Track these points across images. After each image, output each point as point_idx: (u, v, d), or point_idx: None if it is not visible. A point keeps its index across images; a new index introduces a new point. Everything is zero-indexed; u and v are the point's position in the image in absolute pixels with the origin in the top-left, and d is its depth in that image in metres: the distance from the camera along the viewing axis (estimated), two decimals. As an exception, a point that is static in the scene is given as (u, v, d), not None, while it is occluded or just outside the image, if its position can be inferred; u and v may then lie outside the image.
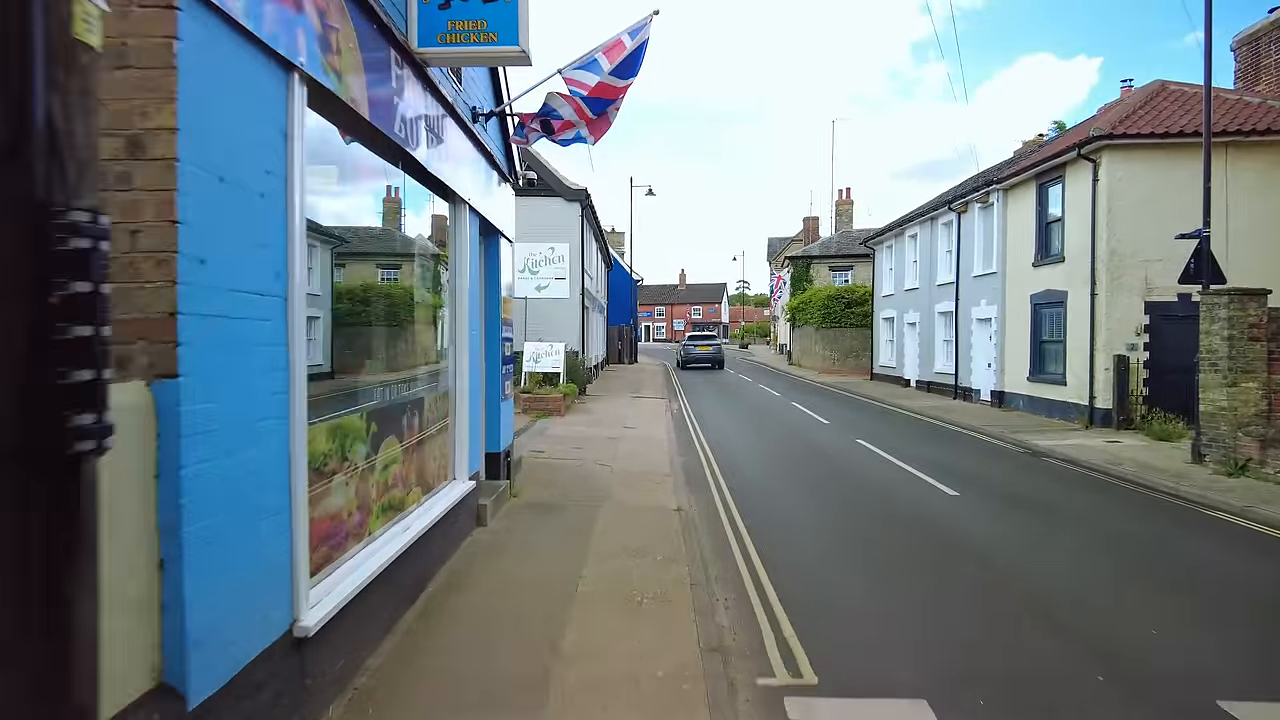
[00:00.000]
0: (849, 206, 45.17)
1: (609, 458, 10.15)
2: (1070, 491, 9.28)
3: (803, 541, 6.62)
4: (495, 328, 7.18)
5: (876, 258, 28.83)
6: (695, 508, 7.51)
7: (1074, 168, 15.19)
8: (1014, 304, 17.73)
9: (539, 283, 19.34)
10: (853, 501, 8.32)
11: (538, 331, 18.99)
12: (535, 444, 11.21)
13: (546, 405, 14.50)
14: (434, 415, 5.15)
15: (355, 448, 3.70)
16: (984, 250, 19.45)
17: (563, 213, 19.28)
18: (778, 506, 7.92)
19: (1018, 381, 17.49)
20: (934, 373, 22.55)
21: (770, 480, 9.47)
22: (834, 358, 32.94)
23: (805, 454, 11.57)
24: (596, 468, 9.40)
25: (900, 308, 25.65)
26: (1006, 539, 6.90)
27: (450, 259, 5.65)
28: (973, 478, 9.72)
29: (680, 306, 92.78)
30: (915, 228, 24.27)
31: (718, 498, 8.10)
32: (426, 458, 5.00)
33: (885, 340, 27.72)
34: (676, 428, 14.17)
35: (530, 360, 16.38)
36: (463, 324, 5.69)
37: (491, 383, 7.19)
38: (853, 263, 38.62)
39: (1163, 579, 5.82)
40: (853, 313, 32.47)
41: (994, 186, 18.33)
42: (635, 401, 18.45)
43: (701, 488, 8.68)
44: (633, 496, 7.68)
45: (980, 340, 19.58)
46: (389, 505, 4.26)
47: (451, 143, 5.41)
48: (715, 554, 6.05)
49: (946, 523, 7.43)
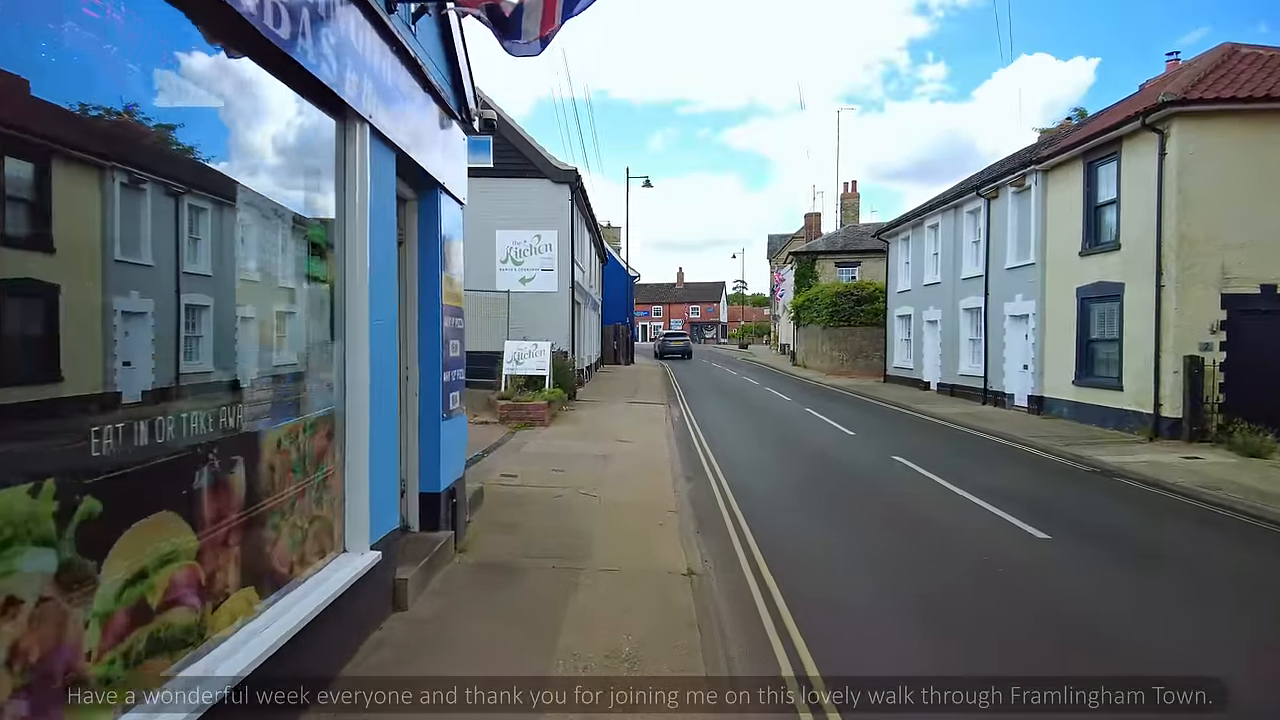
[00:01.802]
0: (855, 200, 43.30)
1: (596, 484, 8.14)
2: (1182, 529, 7.33)
3: (870, 626, 4.63)
4: (433, 319, 5.17)
5: (891, 251, 26.86)
6: (712, 568, 5.49)
7: (1134, 142, 13.22)
8: (1056, 298, 15.76)
9: (523, 274, 17.30)
10: (919, 551, 6.32)
11: (521, 329, 16.96)
12: (507, 464, 9.19)
13: (527, 414, 12.48)
14: (292, 457, 3.13)
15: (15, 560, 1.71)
16: (1019, 239, 17.48)
17: (550, 196, 17.26)
18: (825, 566, 5.88)
19: (1061, 385, 15.52)
20: (958, 375, 20.58)
21: (805, 520, 7.47)
22: (842, 358, 30.96)
23: (839, 478, 9.56)
24: (580, 499, 7.39)
25: (918, 304, 23.68)
26: (1153, 620, 4.90)
27: (338, 208, 3.64)
28: (1050, 510, 7.73)
29: (678, 305, 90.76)
30: (936, 217, 22.30)
31: (740, 550, 6.04)
32: (273, 533, 2.98)
33: (900, 340, 25.75)
34: (679, 441, 12.18)
35: (510, 361, 14.37)
36: (358, 310, 3.67)
37: (428, 397, 5.18)
38: (860, 258, 36.75)
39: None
40: (862, 310, 30.48)
41: (1032, 168, 16.36)
42: (631, 407, 16.45)
43: (716, 530, 6.65)
44: (625, 550, 5.66)
45: (1014, 339, 17.61)
46: (161, 641, 2.25)
47: (347, 32, 3.42)
48: (748, 655, 4.04)
49: (1056, 589, 5.45)
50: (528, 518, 6.61)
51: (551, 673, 3.51)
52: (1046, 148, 16.91)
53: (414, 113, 4.55)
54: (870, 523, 7.23)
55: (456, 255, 5.65)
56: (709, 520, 7.02)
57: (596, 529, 6.28)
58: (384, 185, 4.09)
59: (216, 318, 2.71)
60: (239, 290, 2.80)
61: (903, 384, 24.50)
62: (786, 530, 6.80)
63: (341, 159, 3.65)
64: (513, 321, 17.21)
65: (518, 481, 8.12)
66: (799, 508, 7.81)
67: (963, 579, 5.58)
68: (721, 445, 11.79)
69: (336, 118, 3.61)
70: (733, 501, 7.76)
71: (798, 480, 9.41)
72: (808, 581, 5.35)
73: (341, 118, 3.63)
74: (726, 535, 6.46)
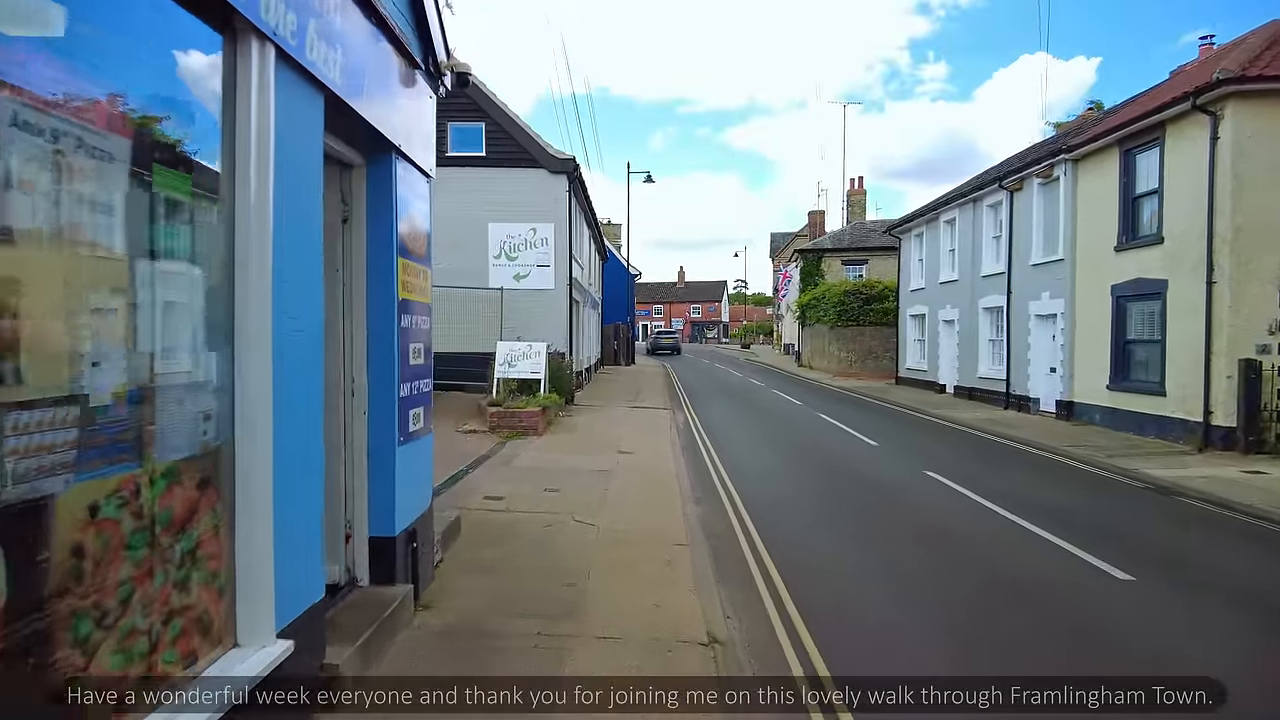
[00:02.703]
0: (861, 196, 42.25)
1: (594, 507, 7.07)
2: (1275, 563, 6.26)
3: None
4: (386, 318, 4.09)
5: (903, 248, 25.78)
6: (738, 632, 4.40)
7: (1180, 126, 12.14)
8: (1088, 296, 14.69)
9: (518, 270, 16.24)
10: (993, 603, 5.25)
11: (515, 329, 15.87)
12: (494, 482, 8.11)
13: (520, 422, 11.41)
14: (125, 528, 2.06)
15: None
16: (1045, 234, 16.41)
17: (546, 187, 16.17)
18: (879, 629, 4.78)
19: (1093, 390, 14.45)
20: (977, 378, 19.51)
21: (842, 558, 6.39)
22: (850, 359, 29.88)
23: (870, 501, 8.47)
24: (574, 529, 6.31)
25: (933, 303, 22.60)
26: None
27: (224, 161, 2.56)
28: (1118, 539, 6.66)
29: (679, 305, 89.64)
30: (952, 211, 21.22)
31: (770, 603, 4.90)
32: (78, 653, 1.90)
33: (913, 340, 24.68)
34: (685, 451, 11.11)
35: (502, 364, 13.29)
36: (254, 304, 2.58)
37: (380, 417, 4.10)
38: (867, 256, 35.71)
39: None
40: (871, 310, 29.41)
41: (1061, 157, 15.27)
42: (633, 412, 15.37)
43: (737, 573, 5.55)
44: (629, 603, 4.57)
45: (1041, 340, 16.55)
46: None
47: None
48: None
49: (1178, 653, 4.38)
50: (512, 555, 5.53)
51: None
52: (1076, 135, 15.83)
53: (356, 47, 3.47)
54: (919, 563, 6.13)
55: (421, 239, 4.57)
56: (727, 557, 5.94)
57: (594, 569, 5.20)
58: (302, 135, 3.01)
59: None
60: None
61: (916, 386, 23.43)
62: (822, 573, 5.71)
63: (230, 90, 2.57)
64: (506, 321, 16.14)
65: (503, 505, 7.04)
66: (831, 541, 6.72)
67: (1058, 643, 4.50)
68: (732, 457, 10.72)
69: (223, 31, 2.53)
70: (752, 531, 6.67)
71: (823, 501, 8.33)
72: (860, 651, 4.27)
73: (230, 32, 2.55)
74: (750, 580, 5.36)
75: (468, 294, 16.03)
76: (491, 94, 16.18)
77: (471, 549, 5.62)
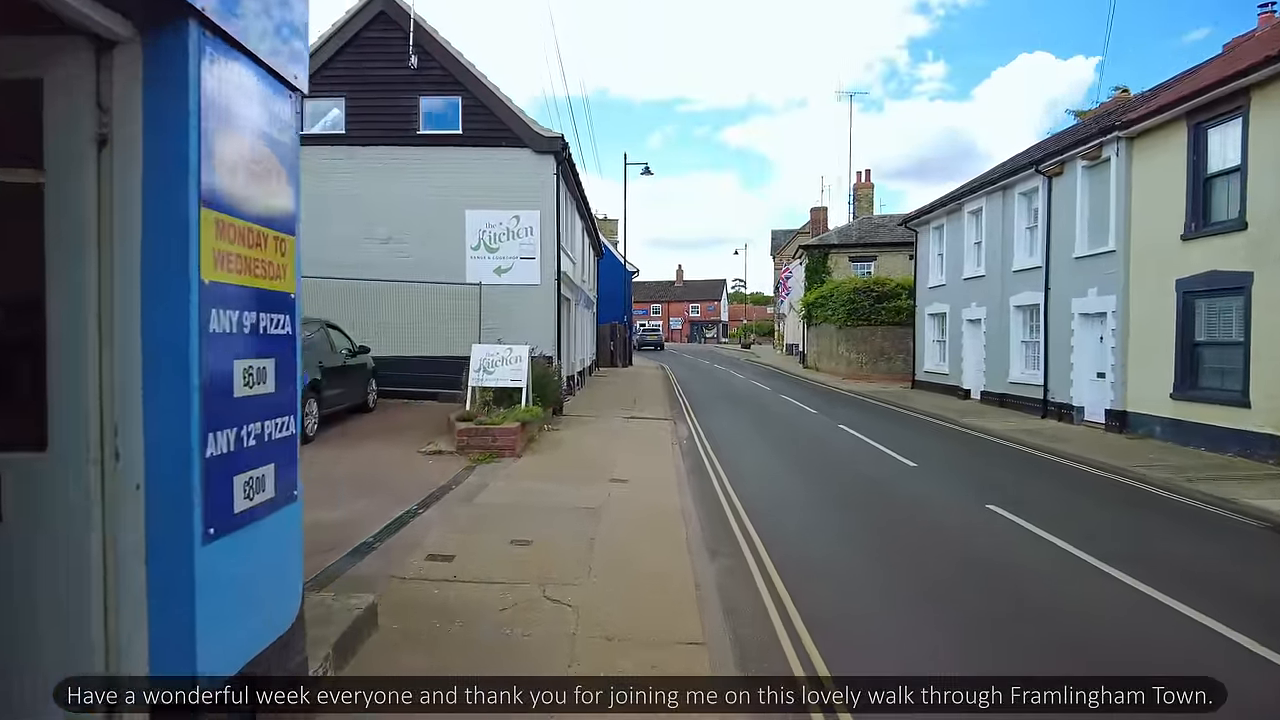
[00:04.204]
0: (869, 190, 40.43)
1: (574, 573, 5.25)
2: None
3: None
4: (176, 314, 2.28)
5: (920, 241, 23.99)
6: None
7: (1268, 92, 10.38)
8: (1146, 292, 12.91)
9: (499, 263, 14.39)
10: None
11: (496, 330, 14.05)
12: (444, 533, 6.28)
13: (493, 441, 9.57)
14: None
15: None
16: (1092, 222, 14.63)
17: (531, 169, 14.32)
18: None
19: (1152, 398, 12.67)
20: (1008, 383, 17.73)
21: (930, 649, 4.59)
22: (861, 361, 28.11)
23: (933, 549, 6.68)
24: (543, 615, 4.48)
25: (956, 301, 20.82)
26: None
27: None
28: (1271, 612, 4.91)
29: (678, 304, 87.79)
30: (978, 201, 19.44)
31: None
32: None
33: (932, 341, 22.91)
34: (691, 474, 9.32)
35: (477, 370, 11.47)
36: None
37: (165, 492, 2.28)
38: (876, 252, 33.98)
39: None
40: (883, 308, 27.63)
41: (1115, 134, 13.47)
42: (629, 425, 13.56)
43: (784, 695, 3.74)
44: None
45: (1086, 342, 14.77)
46: None
47: None
48: None
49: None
50: (445, 667, 3.71)
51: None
52: (1131, 110, 14.04)
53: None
54: (1045, 661, 4.34)
55: (271, 185, 2.75)
56: (763, 657, 4.12)
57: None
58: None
59: None
60: None
61: (935, 391, 21.65)
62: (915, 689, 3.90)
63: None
64: (486, 321, 14.32)
65: (451, 571, 5.22)
66: (906, 626, 4.91)
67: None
68: (748, 485, 8.91)
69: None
70: (792, 613, 4.83)
71: (874, 560, 6.44)
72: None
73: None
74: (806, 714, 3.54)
75: (441, 290, 14.22)
76: (469, 64, 14.35)
77: (388, 656, 3.81)
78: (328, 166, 14.52)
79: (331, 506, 6.81)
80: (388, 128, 14.46)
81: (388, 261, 14.40)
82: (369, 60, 14.49)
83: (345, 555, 5.51)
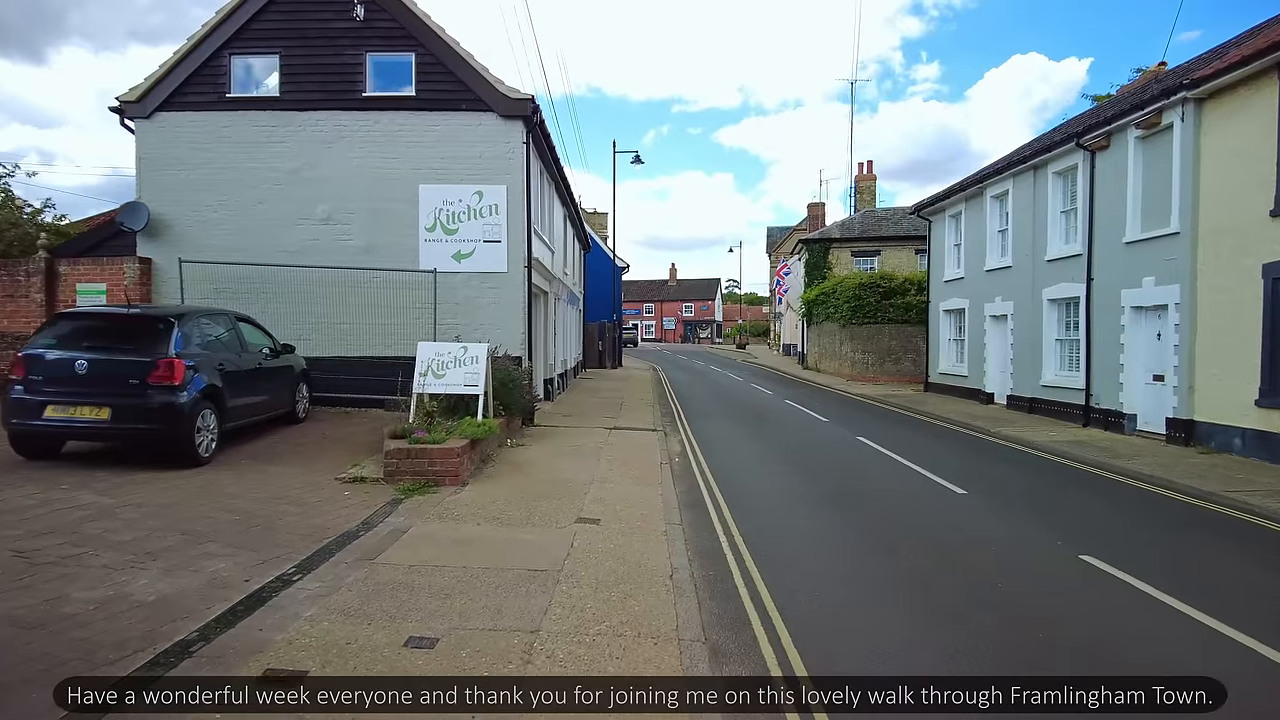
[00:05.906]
0: (871, 182, 38.46)
1: (493, 707, 3.16)
2: None
3: None
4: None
5: (933, 231, 22.00)
6: None
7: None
8: (1221, 280, 10.94)
9: (458, 248, 12.23)
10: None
11: (456, 327, 11.94)
12: (308, 624, 4.16)
13: (430, 466, 7.44)
14: None
15: None
16: (1148, 201, 12.65)
17: (497, 135, 12.17)
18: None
19: (1232, 406, 10.69)
20: (1040, 386, 15.74)
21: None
22: (866, 361, 26.12)
23: (1032, 640, 4.62)
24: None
25: (976, 295, 18.84)
26: None
27: None
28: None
29: (671, 304, 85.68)
30: (1004, 183, 17.45)
31: None
32: None
33: (947, 339, 20.92)
34: (686, 510, 7.23)
35: (424, 373, 9.36)
36: None
37: None
38: (880, 246, 32.06)
39: None
40: (891, 305, 25.66)
41: (1182, 95, 11.48)
42: (611, 438, 11.46)
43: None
44: None
45: (1139, 339, 12.79)
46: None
47: None
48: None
49: None
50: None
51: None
52: (1202, 66, 12.05)
53: None
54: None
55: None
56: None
57: None
58: None
59: None
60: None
61: (952, 394, 19.66)
62: None
63: None
64: (444, 316, 12.20)
65: (292, 708, 3.12)
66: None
67: None
68: (760, 524, 6.84)
69: None
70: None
71: (976, 660, 4.45)
72: None
73: None
74: None
75: (391, 279, 12.07)
76: (424, 14, 12.21)
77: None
78: (259, 135, 12.38)
79: (168, 570, 4.71)
80: (329, 89, 12.30)
81: (328, 246, 12.25)
82: (307, 10, 12.34)
83: (141, 666, 3.41)
